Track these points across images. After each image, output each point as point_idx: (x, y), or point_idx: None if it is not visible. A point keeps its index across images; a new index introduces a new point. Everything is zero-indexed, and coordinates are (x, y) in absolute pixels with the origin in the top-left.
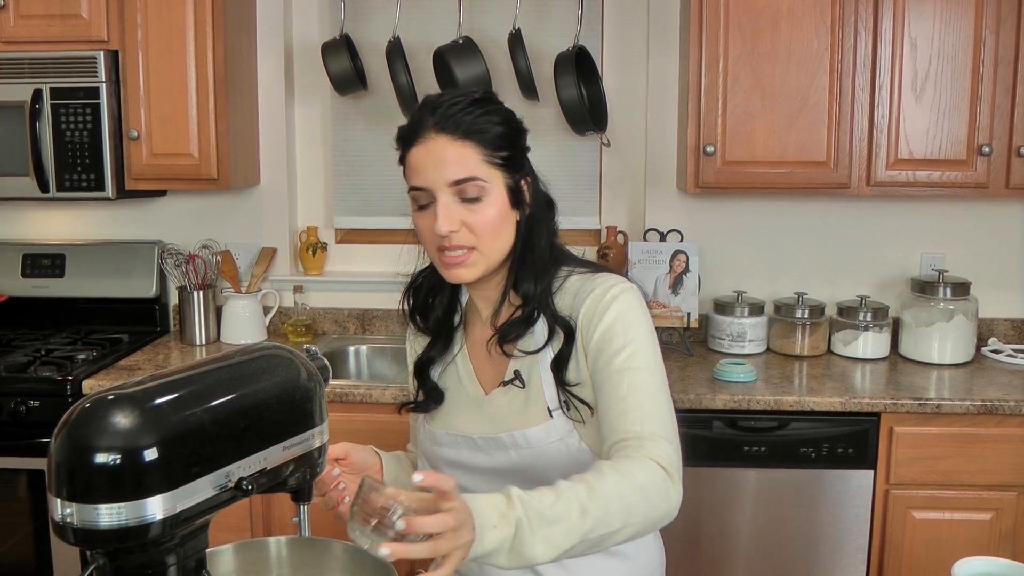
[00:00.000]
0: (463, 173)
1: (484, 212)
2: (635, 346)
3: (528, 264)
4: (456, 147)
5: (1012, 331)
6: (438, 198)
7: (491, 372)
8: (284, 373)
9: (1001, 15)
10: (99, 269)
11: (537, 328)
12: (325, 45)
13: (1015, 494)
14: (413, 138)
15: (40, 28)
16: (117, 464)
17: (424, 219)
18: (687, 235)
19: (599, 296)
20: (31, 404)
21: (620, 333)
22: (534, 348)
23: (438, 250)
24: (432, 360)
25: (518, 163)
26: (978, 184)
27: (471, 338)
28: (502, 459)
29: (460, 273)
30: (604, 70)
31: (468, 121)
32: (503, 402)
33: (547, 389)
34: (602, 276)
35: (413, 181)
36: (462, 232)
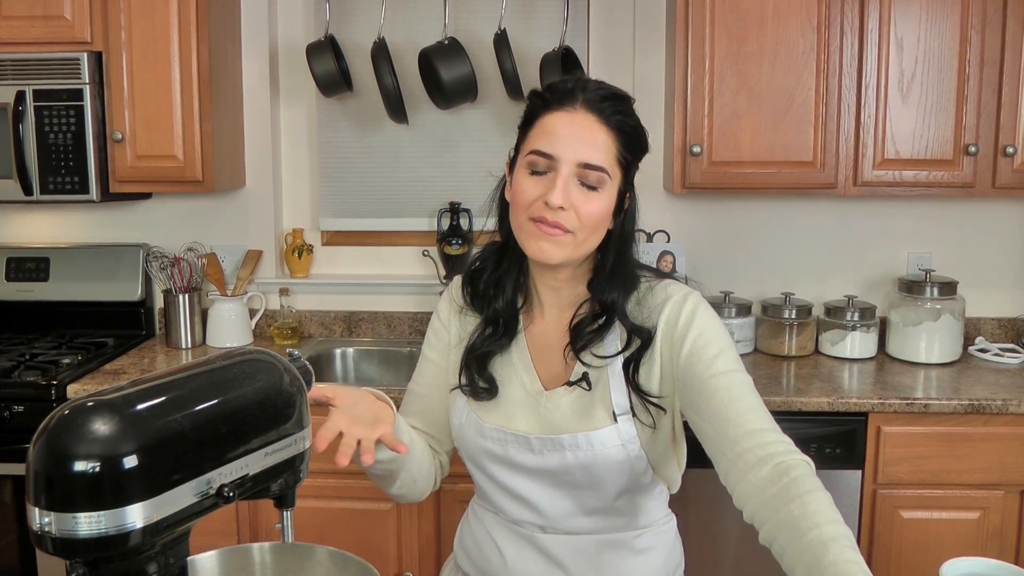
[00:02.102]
0: (598, 159)
1: (596, 202)
2: (728, 352)
3: (617, 275)
4: (603, 132)
5: (999, 330)
6: (560, 171)
7: (554, 368)
8: (266, 378)
9: (987, 15)
10: (84, 272)
11: (609, 336)
12: (310, 46)
13: (1002, 493)
14: (558, 103)
15: (23, 29)
16: (96, 472)
17: (534, 184)
18: (674, 236)
19: (678, 305)
20: (15, 409)
21: (713, 341)
22: (610, 354)
23: (532, 219)
24: (492, 353)
25: (632, 174)
26: (965, 184)
27: (531, 330)
28: (554, 460)
29: (547, 248)
30: (590, 70)
31: (614, 110)
32: (564, 402)
33: (615, 393)
34: (668, 283)
35: (542, 145)
36: (569, 213)
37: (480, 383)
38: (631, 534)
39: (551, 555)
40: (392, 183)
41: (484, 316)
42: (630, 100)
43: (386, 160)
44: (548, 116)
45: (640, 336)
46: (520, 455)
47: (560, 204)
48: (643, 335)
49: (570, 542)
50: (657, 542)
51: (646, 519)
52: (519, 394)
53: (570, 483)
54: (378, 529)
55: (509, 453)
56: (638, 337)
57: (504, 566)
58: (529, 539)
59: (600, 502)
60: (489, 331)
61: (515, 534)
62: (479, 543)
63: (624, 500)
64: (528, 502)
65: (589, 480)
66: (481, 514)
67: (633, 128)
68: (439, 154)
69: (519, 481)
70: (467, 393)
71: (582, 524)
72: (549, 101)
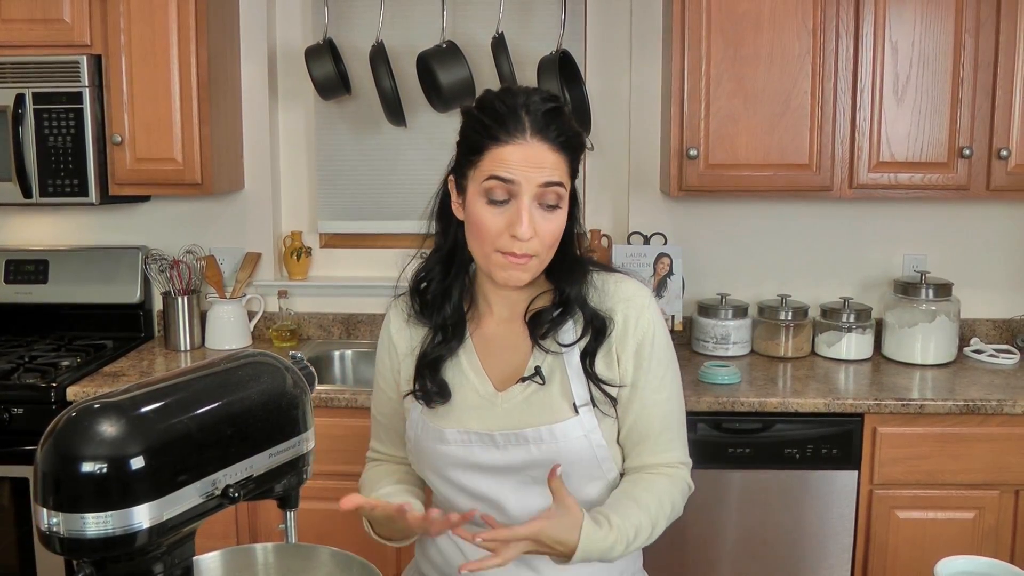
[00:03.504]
0: (556, 176)
1: (556, 221)
2: (670, 373)
3: (570, 264)
4: (554, 156)
5: (994, 331)
6: (521, 198)
7: (504, 368)
8: (270, 380)
9: (980, 19)
10: (83, 275)
11: (568, 323)
12: (308, 50)
13: (997, 493)
14: (506, 135)
15: (23, 32)
16: (103, 473)
17: (494, 216)
18: (671, 238)
19: (641, 310)
20: (15, 411)
21: (662, 359)
22: (570, 342)
23: (499, 251)
24: (443, 357)
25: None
26: (959, 186)
27: (479, 333)
28: (520, 455)
29: (516, 275)
30: (587, 74)
31: (567, 134)
32: (520, 398)
33: (575, 385)
34: (621, 278)
35: (500, 172)
36: (533, 239)
37: (432, 388)
38: None
39: None
40: (390, 186)
41: (432, 324)
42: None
43: (384, 163)
44: (500, 150)
45: (596, 325)
46: (484, 454)
47: (530, 235)
48: (599, 323)
49: None
50: None
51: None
52: (472, 398)
53: (535, 479)
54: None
55: (473, 453)
56: (593, 326)
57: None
58: None
59: None
60: (439, 338)
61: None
62: (442, 550)
63: (587, 491)
64: (493, 503)
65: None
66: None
67: (575, 138)
68: (437, 157)
69: (483, 482)
70: (419, 399)
71: None
72: (497, 134)
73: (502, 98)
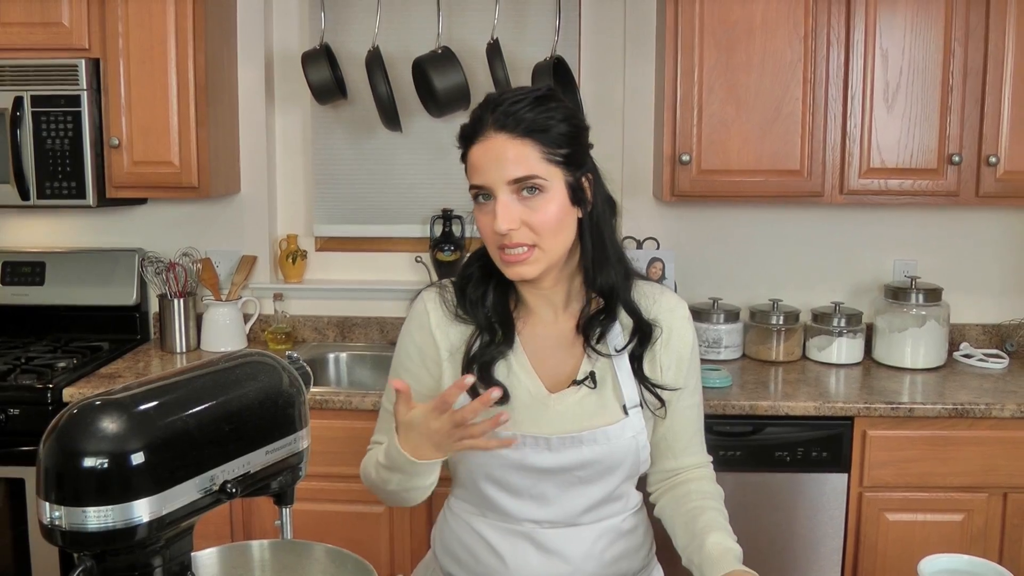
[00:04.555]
0: (522, 171)
1: (544, 210)
2: (699, 380)
3: (603, 258)
4: (516, 145)
5: (983, 336)
6: (497, 196)
7: (556, 370)
8: (267, 379)
9: (970, 27)
10: (79, 277)
11: (616, 327)
12: (305, 54)
13: (986, 495)
14: (474, 136)
15: (21, 36)
16: (105, 468)
17: (484, 217)
18: (663, 243)
19: (685, 322)
20: (11, 412)
21: (697, 370)
22: (622, 346)
23: (498, 248)
24: (495, 359)
25: (579, 160)
26: (949, 192)
27: (526, 335)
28: (572, 456)
29: (522, 270)
30: (581, 80)
31: (529, 119)
32: (571, 401)
33: (626, 388)
34: (663, 289)
35: (473, 179)
36: (522, 230)
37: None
38: (620, 518)
39: (550, 549)
40: (385, 190)
41: (477, 324)
42: (547, 96)
43: (380, 167)
44: (471, 151)
45: (644, 329)
46: (536, 455)
47: (506, 228)
48: (646, 327)
49: (568, 534)
50: (638, 521)
51: (630, 502)
52: (525, 399)
53: (581, 478)
54: (371, 531)
55: (526, 456)
56: (642, 329)
57: (504, 566)
58: (527, 536)
59: (604, 493)
60: (487, 338)
61: (511, 533)
62: (469, 547)
63: (623, 488)
64: (537, 499)
65: (600, 473)
66: (466, 517)
67: (556, 121)
68: (432, 162)
69: (528, 481)
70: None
71: (584, 516)
72: (468, 137)
73: (481, 102)
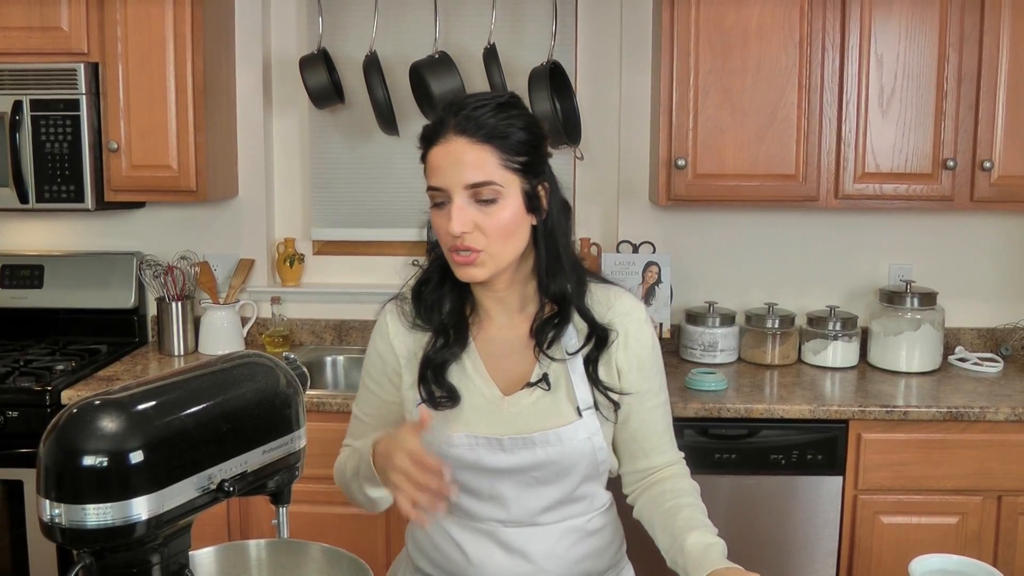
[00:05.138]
0: (480, 177)
1: (497, 215)
2: (663, 379)
3: (557, 266)
4: (475, 150)
5: (978, 340)
6: (453, 199)
7: (510, 373)
8: (264, 380)
9: (964, 33)
10: (78, 280)
11: (569, 331)
12: (303, 59)
13: (980, 498)
14: (434, 138)
15: (21, 40)
16: (104, 466)
17: (440, 218)
18: (659, 247)
19: (641, 324)
20: (9, 415)
21: (659, 371)
22: (575, 349)
23: (451, 250)
24: (448, 362)
25: (537, 168)
26: (943, 197)
27: (481, 338)
28: (526, 457)
29: (471, 272)
30: (578, 84)
31: (490, 124)
32: (525, 403)
33: (579, 390)
34: (620, 292)
35: (431, 181)
36: (475, 234)
37: (439, 393)
38: (585, 518)
39: (513, 547)
40: (382, 194)
41: (433, 328)
42: (509, 103)
43: (377, 171)
44: (431, 152)
45: (598, 333)
46: (490, 456)
47: (459, 231)
48: (601, 332)
49: (530, 533)
50: (606, 521)
51: (596, 503)
52: (479, 402)
53: (537, 479)
54: (366, 533)
55: (480, 457)
56: (596, 333)
57: (467, 563)
58: (490, 534)
59: (563, 493)
60: (441, 342)
61: (475, 531)
62: (437, 544)
63: (583, 489)
64: (495, 500)
65: (556, 474)
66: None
67: (516, 129)
68: None
69: (485, 483)
70: (429, 405)
71: (545, 516)
72: (429, 138)
73: (444, 104)
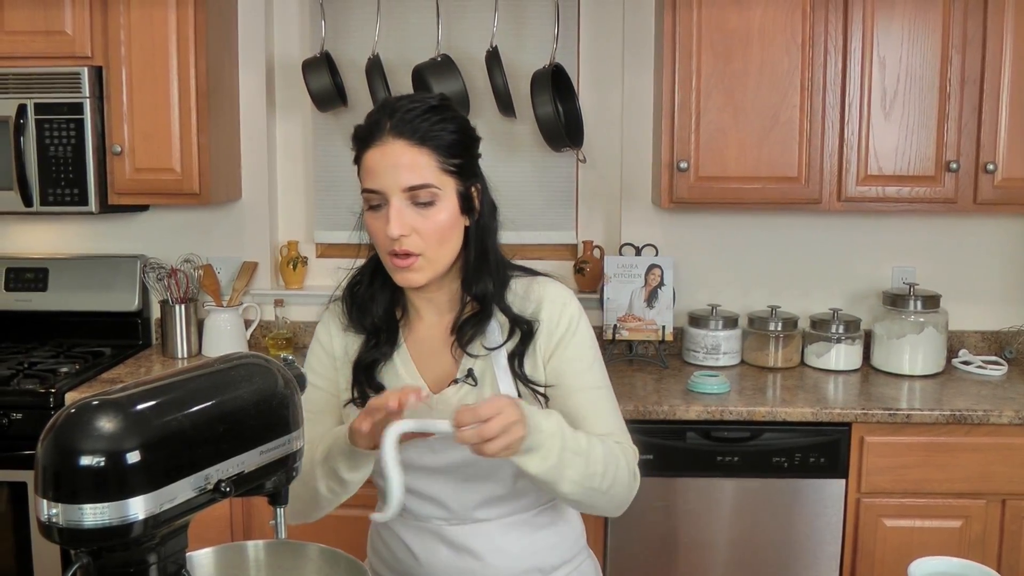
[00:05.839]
0: (417, 180)
1: (435, 218)
2: (596, 366)
3: (483, 266)
4: (412, 153)
5: (982, 343)
6: (391, 201)
7: (438, 371)
8: (261, 381)
9: (967, 35)
10: (82, 283)
11: (492, 327)
12: (306, 62)
13: (984, 502)
14: (370, 140)
15: (25, 44)
16: (101, 466)
17: (376, 221)
18: (662, 249)
19: (562, 307)
20: (13, 416)
21: (585, 354)
22: (495, 345)
23: (389, 254)
24: (377, 361)
25: (470, 170)
26: (946, 199)
27: (412, 338)
28: (455, 456)
29: (410, 277)
30: (580, 87)
31: (425, 128)
32: (455, 400)
33: (503, 385)
34: (544, 281)
35: (367, 183)
36: (412, 237)
37: (370, 394)
38: (530, 513)
39: (459, 545)
40: None
41: (363, 328)
42: (441, 106)
43: None
44: (366, 155)
45: (520, 327)
46: (421, 457)
47: (397, 234)
48: (523, 326)
49: (476, 530)
50: (555, 516)
51: (544, 497)
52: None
53: (471, 475)
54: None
55: (410, 456)
56: (519, 328)
57: (416, 563)
58: (436, 533)
59: (502, 489)
60: (372, 342)
61: (422, 531)
62: (388, 545)
63: (523, 483)
64: (433, 499)
65: (488, 470)
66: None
67: (449, 132)
68: None
69: (422, 481)
70: (359, 406)
71: (487, 512)
72: (365, 139)
73: (377, 107)
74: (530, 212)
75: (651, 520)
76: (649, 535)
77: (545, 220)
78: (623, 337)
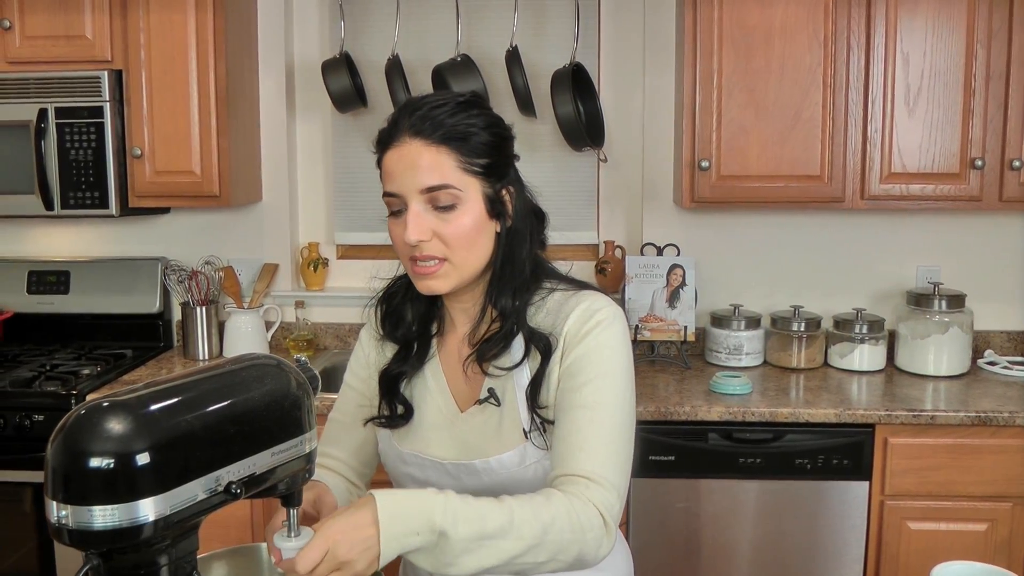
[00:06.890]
0: (435, 180)
1: (457, 222)
2: (606, 381)
3: (507, 278)
4: (430, 152)
5: (1008, 343)
6: (409, 205)
7: (466, 389)
8: (273, 382)
9: (993, 29)
10: (103, 285)
11: (515, 346)
12: (325, 63)
13: (1010, 505)
14: (389, 141)
15: (45, 48)
16: (111, 468)
17: (396, 226)
18: (684, 249)
19: (583, 318)
20: (35, 418)
21: (595, 363)
22: (511, 364)
23: (410, 260)
24: (403, 375)
25: (500, 171)
26: (972, 197)
27: (445, 351)
28: (472, 483)
29: (431, 284)
30: (601, 86)
31: (447, 125)
32: (478, 422)
33: (522, 410)
34: (586, 295)
35: (386, 186)
36: (433, 242)
37: (396, 407)
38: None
39: None
40: None
41: (395, 339)
42: (471, 102)
43: None
44: (385, 157)
45: (538, 346)
46: (440, 480)
47: (416, 239)
48: (541, 344)
49: None
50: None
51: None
52: (435, 417)
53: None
54: None
55: (429, 478)
56: (537, 347)
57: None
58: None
59: None
60: (402, 355)
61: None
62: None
63: None
64: None
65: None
66: None
67: (477, 129)
68: None
69: None
70: (382, 424)
71: None
72: (384, 141)
73: (399, 107)
74: (551, 212)
75: (673, 522)
76: (671, 537)
77: (566, 220)
78: (645, 338)
